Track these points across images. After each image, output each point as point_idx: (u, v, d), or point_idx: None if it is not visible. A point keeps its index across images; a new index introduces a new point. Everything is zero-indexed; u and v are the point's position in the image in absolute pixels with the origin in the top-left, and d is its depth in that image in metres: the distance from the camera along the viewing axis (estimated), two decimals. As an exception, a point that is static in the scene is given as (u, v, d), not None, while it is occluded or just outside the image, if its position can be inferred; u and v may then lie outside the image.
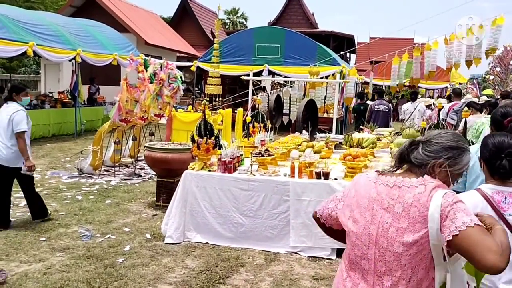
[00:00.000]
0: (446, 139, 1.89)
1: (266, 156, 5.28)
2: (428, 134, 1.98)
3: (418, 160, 1.89)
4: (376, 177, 1.94)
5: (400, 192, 1.83)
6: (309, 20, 35.98)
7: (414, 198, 1.78)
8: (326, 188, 4.78)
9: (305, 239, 4.85)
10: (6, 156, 5.19)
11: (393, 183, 1.87)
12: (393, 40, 30.03)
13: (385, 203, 1.85)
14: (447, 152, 1.87)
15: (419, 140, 1.94)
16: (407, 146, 1.94)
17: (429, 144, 1.91)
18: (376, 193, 1.89)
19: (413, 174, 1.89)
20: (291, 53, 15.66)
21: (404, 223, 1.78)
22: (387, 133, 7.38)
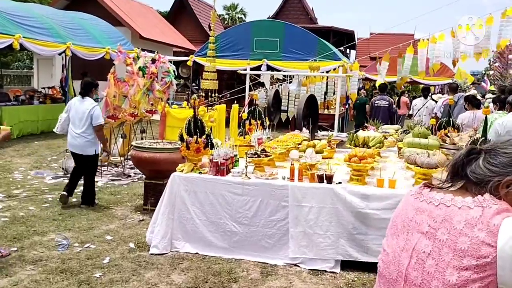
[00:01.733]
0: None
1: (262, 157, 4.77)
2: (494, 141, 1.51)
3: (476, 176, 1.41)
4: (420, 191, 1.52)
5: (446, 213, 1.38)
6: (308, 16, 35.49)
7: (465, 224, 1.32)
8: (330, 193, 4.28)
9: (305, 249, 4.35)
10: (80, 144, 5.94)
11: (439, 201, 1.43)
12: (393, 36, 29.64)
13: (425, 226, 1.42)
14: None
15: (481, 149, 1.46)
16: (463, 156, 1.46)
17: (494, 155, 1.41)
18: (415, 211, 1.48)
19: (469, 193, 1.41)
20: (291, 47, 15.16)
21: (448, 256, 1.33)
22: (392, 130, 6.87)
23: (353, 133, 5.58)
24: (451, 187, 1.47)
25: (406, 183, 4.43)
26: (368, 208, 4.17)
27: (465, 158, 1.46)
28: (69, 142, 6.08)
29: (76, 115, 5.98)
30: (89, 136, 5.94)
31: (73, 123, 5.99)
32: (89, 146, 5.96)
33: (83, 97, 6.08)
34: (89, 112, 5.90)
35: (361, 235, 4.21)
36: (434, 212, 1.42)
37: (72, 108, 6.08)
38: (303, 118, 7.66)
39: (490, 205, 1.33)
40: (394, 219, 1.58)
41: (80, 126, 5.93)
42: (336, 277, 4.16)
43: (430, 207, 1.44)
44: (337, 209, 4.25)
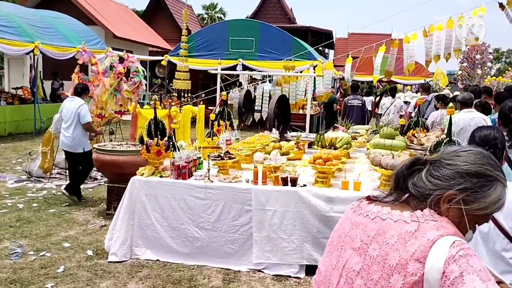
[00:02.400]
0: (465, 161, 1.28)
1: (226, 159, 4.62)
2: (441, 151, 1.38)
3: (417, 189, 1.29)
4: (359, 204, 1.42)
5: (381, 227, 1.27)
6: (287, 15, 35.53)
7: (398, 238, 1.21)
8: (294, 196, 4.16)
9: (269, 254, 4.22)
10: (69, 142, 6.15)
11: (375, 214, 1.32)
12: (371, 36, 29.89)
13: (358, 241, 1.31)
14: (462, 181, 1.26)
15: (427, 160, 1.34)
16: (405, 167, 1.34)
17: (437, 167, 1.29)
18: (351, 226, 1.37)
19: (409, 207, 1.30)
20: (266, 47, 15.06)
21: (377, 274, 1.22)
22: (363, 131, 6.81)
23: (320, 134, 5.48)
24: (395, 201, 1.35)
25: (372, 185, 4.35)
26: (332, 211, 4.06)
27: (407, 170, 1.34)
28: (61, 140, 6.34)
29: (66, 114, 6.27)
30: (78, 135, 6.16)
31: (64, 122, 6.28)
32: (77, 144, 6.15)
33: (74, 97, 6.39)
34: (76, 111, 6.13)
35: (326, 239, 4.05)
36: (368, 226, 1.31)
37: (64, 107, 6.40)
38: (275, 118, 7.55)
39: (428, 221, 1.22)
40: (332, 235, 1.46)
41: (69, 125, 6.18)
42: (301, 283, 4.04)
43: (365, 220, 1.33)
44: (301, 213, 4.14)
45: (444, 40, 8.98)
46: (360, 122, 9.79)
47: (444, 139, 3.95)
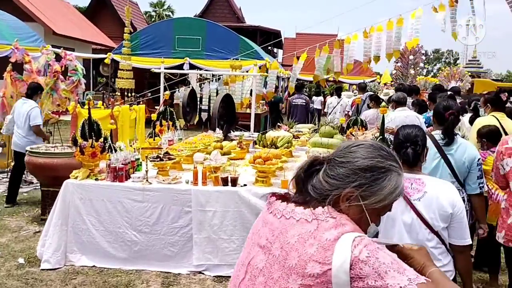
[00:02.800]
0: (357, 157, 1.29)
1: (166, 160, 4.53)
2: (339, 148, 1.37)
3: (317, 191, 1.29)
4: (270, 202, 1.40)
5: (284, 226, 1.27)
6: (235, 15, 35.53)
7: (298, 238, 1.22)
8: (234, 196, 4.14)
9: (210, 256, 4.18)
10: (22, 143, 6.02)
11: (281, 212, 1.31)
12: (318, 36, 30.46)
13: (263, 239, 1.32)
14: (356, 177, 1.27)
15: (324, 159, 1.33)
16: (303, 170, 1.33)
17: (332, 166, 1.30)
18: (262, 223, 1.37)
19: (303, 204, 1.30)
20: (213, 46, 14.94)
21: (277, 273, 1.22)
22: (306, 130, 6.90)
23: (262, 133, 5.49)
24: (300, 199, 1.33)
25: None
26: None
27: (305, 172, 1.32)
28: (13, 141, 6.30)
29: (18, 116, 6.22)
30: (31, 137, 6.12)
31: (17, 124, 6.24)
32: (29, 146, 5.90)
33: (27, 99, 6.33)
34: (28, 113, 6.09)
35: (266, 238, 4.11)
36: (274, 225, 1.31)
37: (16, 109, 6.34)
38: (219, 118, 7.49)
39: (327, 218, 1.22)
40: (250, 232, 1.45)
41: (21, 127, 6.15)
42: (241, 283, 4.02)
43: (273, 219, 1.33)
44: (241, 213, 4.12)
45: (384, 41, 9.28)
46: (304, 121, 9.95)
47: (377, 137, 4.05)
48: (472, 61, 43.01)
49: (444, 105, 3.44)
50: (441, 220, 2.32)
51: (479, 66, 40.77)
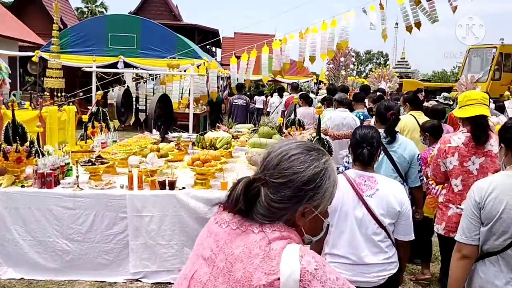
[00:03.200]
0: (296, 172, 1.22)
1: (98, 164, 4.31)
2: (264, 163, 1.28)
3: (267, 219, 1.21)
4: (218, 211, 1.34)
5: (229, 236, 1.22)
6: (172, 12, 34.94)
7: (243, 248, 1.18)
8: (172, 200, 4.02)
9: (148, 262, 4.03)
10: None
11: (227, 222, 1.26)
12: (256, 36, 30.68)
13: (208, 251, 1.25)
14: (302, 193, 1.22)
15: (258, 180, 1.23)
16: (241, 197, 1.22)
17: (273, 189, 1.22)
18: (207, 234, 1.31)
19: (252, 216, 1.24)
20: (149, 44, 14.57)
21: (222, 286, 1.17)
22: (246, 130, 6.88)
23: (200, 134, 5.40)
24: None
25: (251, 184, 4.38)
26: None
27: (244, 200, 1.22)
28: None
29: None
30: None
31: None
32: None
33: None
34: None
35: (205, 241, 4.04)
36: (219, 235, 1.25)
37: None
38: (156, 118, 7.30)
39: (274, 231, 1.19)
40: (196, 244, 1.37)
41: None
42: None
43: (218, 229, 1.27)
44: (180, 216, 4.02)
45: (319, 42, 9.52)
46: (244, 121, 9.97)
47: (314, 137, 4.11)
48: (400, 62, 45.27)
49: (386, 106, 3.65)
50: (389, 216, 2.52)
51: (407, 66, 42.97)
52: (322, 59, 9.19)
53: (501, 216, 2.26)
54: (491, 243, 2.33)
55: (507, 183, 2.31)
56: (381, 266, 2.58)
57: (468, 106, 3.36)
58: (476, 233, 2.35)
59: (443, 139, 3.54)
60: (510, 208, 2.25)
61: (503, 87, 15.83)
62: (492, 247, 2.34)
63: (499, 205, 2.27)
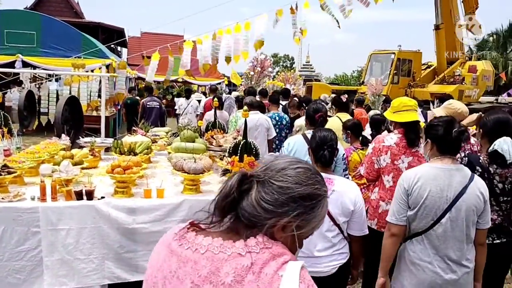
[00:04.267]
0: (297, 182, 1.19)
1: (4, 175, 3.89)
2: (269, 165, 1.24)
3: (249, 217, 1.17)
4: (184, 234, 1.21)
5: (213, 263, 1.11)
6: (73, 9, 33.08)
7: (234, 276, 1.08)
8: (91, 211, 3.75)
9: (65, 279, 3.72)
10: None
11: (206, 247, 1.15)
12: (164, 36, 30.16)
13: (187, 283, 1.12)
14: (295, 205, 1.18)
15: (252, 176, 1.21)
16: (235, 188, 1.18)
17: (267, 189, 1.18)
18: (178, 263, 1.16)
19: (240, 235, 1.17)
20: (51, 42, 13.60)
21: None
22: (163, 133, 6.67)
23: (117, 139, 5.13)
24: (223, 227, 1.21)
25: (176, 190, 4.23)
26: (135, 223, 3.80)
27: (237, 192, 1.18)
28: None
29: None
30: None
31: None
32: None
33: None
34: None
35: (129, 253, 3.83)
36: (199, 263, 1.13)
37: None
38: (64, 122, 6.81)
39: (262, 250, 1.12)
40: (151, 272, 1.23)
41: None
42: (103, 305, 3.68)
43: (195, 256, 1.15)
44: (100, 228, 3.76)
45: (232, 43, 9.56)
46: (158, 123, 9.76)
47: (241, 141, 4.08)
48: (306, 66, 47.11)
49: (314, 108, 3.99)
50: (343, 215, 2.79)
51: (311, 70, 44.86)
52: (236, 61, 9.20)
53: (425, 202, 2.70)
54: (416, 224, 2.77)
55: (431, 173, 2.72)
56: (331, 257, 2.82)
57: (403, 112, 3.82)
58: (403, 216, 2.78)
59: (378, 139, 3.96)
60: (433, 195, 2.68)
61: (401, 90, 17.22)
62: (417, 228, 2.78)
63: (424, 192, 2.70)
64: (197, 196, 4.06)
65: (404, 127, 3.84)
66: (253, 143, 4.01)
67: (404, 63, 18.14)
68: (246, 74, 21.44)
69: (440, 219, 2.66)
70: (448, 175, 2.68)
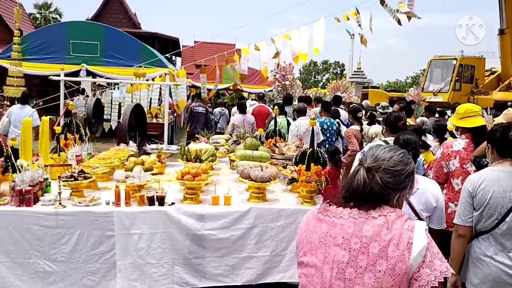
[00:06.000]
0: (404, 164, 1.70)
1: (81, 179, 4.08)
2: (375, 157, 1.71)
3: (377, 194, 1.64)
4: (326, 208, 1.75)
5: (356, 224, 1.63)
6: (131, 20, 34.40)
7: (373, 231, 1.59)
8: (162, 216, 3.84)
9: (136, 283, 3.82)
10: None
11: (348, 215, 1.67)
12: (216, 45, 30.63)
13: (339, 238, 1.64)
14: (408, 180, 1.70)
15: (370, 167, 1.68)
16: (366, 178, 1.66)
17: (388, 174, 1.66)
18: (328, 227, 1.69)
19: (369, 206, 1.66)
20: (113, 52, 14.17)
21: (363, 262, 1.57)
22: (223, 141, 6.76)
23: (182, 146, 5.24)
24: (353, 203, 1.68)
25: (241, 198, 4.27)
26: (204, 229, 3.86)
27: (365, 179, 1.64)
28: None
29: (17, 119, 7.71)
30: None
31: (15, 126, 7.70)
32: None
33: (23, 105, 8.12)
34: (30, 116, 7.32)
35: (198, 259, 3.89)
36: (345, 225, 1.63)
37: (13, 113, 8.00)
38: (130, 129, 7.04)
39: (389, 213, 1.60)
40: (306, 237, 1.73)
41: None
42: (173, 309, 3.75)
43: (340, 221, 1.65)
44: (171, 234, 3.84)
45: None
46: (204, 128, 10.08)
47: (307, 149, 4.05)
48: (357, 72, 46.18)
49: (396, 116, 4.24)
50: (426, 211, 2.98)
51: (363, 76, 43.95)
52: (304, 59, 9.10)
53: (489, 202, 2.89)
54: (482, 224, 2.96)
55: (493, 175, 2.94)
56: None
57: (470, 117, 4.11)
58: (469, 217, 2.99)
59: (446, 145, 4.26)
60: (496, 195, 2.87)
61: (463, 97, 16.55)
62: (483, 227, 2.96)
63: (487, 193, 2.89)
64: (264, 204, 4.07)
65: (471, 132, 4.10)
66: (320, 152, 3.97)
67: (466, 69, 17.42)
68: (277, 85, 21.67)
69: (505, 217, 2.85)
70: (509, 177, 2.90)
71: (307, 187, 3.98)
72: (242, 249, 3.92)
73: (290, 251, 3.98)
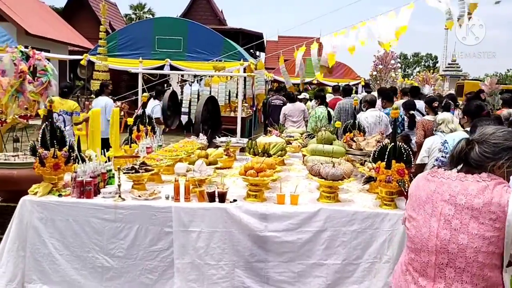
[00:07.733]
0: (505, 139, 1.87)
1: (142, 172, 3.90)
2: (481, 133, 1.93)
3: (476, 162, 1.87)
4: (435, 171, 2.00)
5: (462, 184, 1.85)
6: (217, 17, 35.05)
7: (477, 190, 1.80)
8: (222, 214, 3.54)
9: (194, 284, 3.56)
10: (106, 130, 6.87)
11: (455, 177, 1.90)
12: (300, 39, 30.05)
13: (446, 195, 1.88)
14: (506, 153, 1.85)
15: (473, 140, 1.91)
16: (464, 147, 1.92)
17: (486, 145, 1.87)
18: (436, 186, 1.94)
19: (471, 172, 1.88)
20: (195, 47, 14.35)
21: (468, 214, 1.80)
22: (298, 134, 6.34)
23: (251, 139, 4.91)
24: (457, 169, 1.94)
25: (311, 197, 3.83)
26: (267, 230, 3.49)
27: (466, 148, 1.91)
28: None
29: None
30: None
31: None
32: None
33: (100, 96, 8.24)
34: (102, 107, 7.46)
35: (260, 262, 3.53)
36: (452, 184, 1.89)
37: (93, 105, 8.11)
38: (203, 122, 6.89)
39: (490, 179, 1.82)
40: (416, 194, 2.02)
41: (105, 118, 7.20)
42: (232, 316, 3.43)
43: (448, 181, 1.91)
44: (231, 233, 3.53)
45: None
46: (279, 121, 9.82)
47: (387, 144, 3.52)
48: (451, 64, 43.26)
49: (478, 105, 4.11)
50: None
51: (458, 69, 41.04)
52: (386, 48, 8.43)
53: None
54: None
55: None
56: None
57: None
58: None
59: None
60: None
61: None
62: None
63: None
64: (335, 205, 3.60)
65: None
66: (404, 147, 3.41)
67: None
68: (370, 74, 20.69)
69: None
70: None
71: (387, 187, 3.45)
72: (309, 254, 3.50)
73: (366, 260, 3.49)
